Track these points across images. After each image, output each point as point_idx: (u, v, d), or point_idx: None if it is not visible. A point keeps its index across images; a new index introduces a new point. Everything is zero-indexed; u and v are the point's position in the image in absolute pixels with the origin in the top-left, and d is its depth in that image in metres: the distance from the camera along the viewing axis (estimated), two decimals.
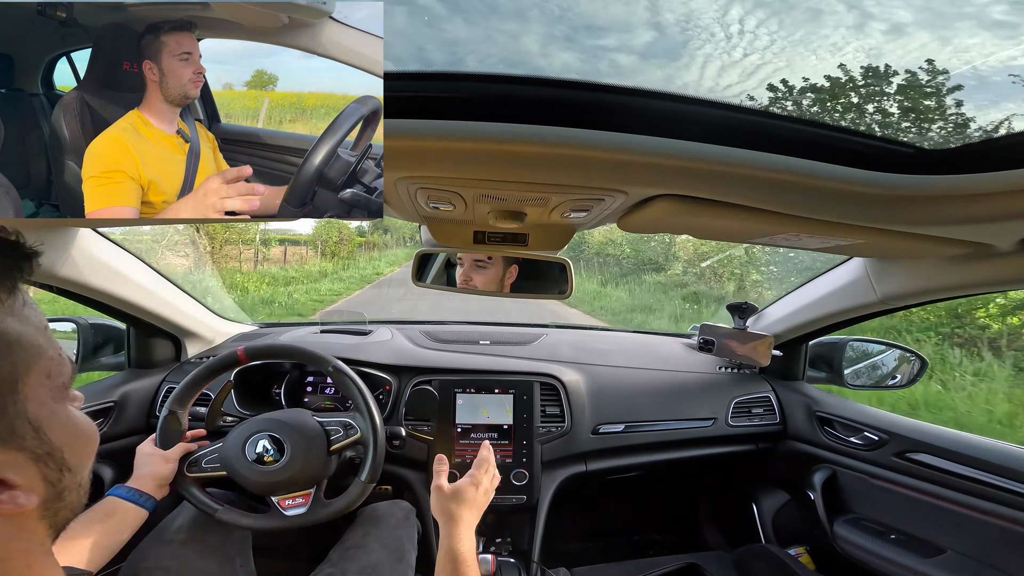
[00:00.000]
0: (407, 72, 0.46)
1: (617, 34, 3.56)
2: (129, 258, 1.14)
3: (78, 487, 0.42)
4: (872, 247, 0.81)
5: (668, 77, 3.84)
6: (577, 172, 0.53)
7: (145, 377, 1.34)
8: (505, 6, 4.73)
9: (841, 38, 6.99)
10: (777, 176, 0.49)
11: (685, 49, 3.00)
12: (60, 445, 0.39)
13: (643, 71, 3.75)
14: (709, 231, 0.84)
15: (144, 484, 0.90)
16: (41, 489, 0.38)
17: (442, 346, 1.51)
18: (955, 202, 0.51)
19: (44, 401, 0.38)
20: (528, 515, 1.29)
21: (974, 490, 1.03)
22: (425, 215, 0.79)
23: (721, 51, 10.87)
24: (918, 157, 0.48)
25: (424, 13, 2.31)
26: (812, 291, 1.27)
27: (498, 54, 4.51)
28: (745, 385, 1.50)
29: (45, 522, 0.39)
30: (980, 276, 0.81)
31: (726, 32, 4.07)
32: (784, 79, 2.14)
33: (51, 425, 0.39)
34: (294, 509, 0.94)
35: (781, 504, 1.52)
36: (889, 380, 1.42)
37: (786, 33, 8.38)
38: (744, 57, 9.42)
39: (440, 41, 4.05)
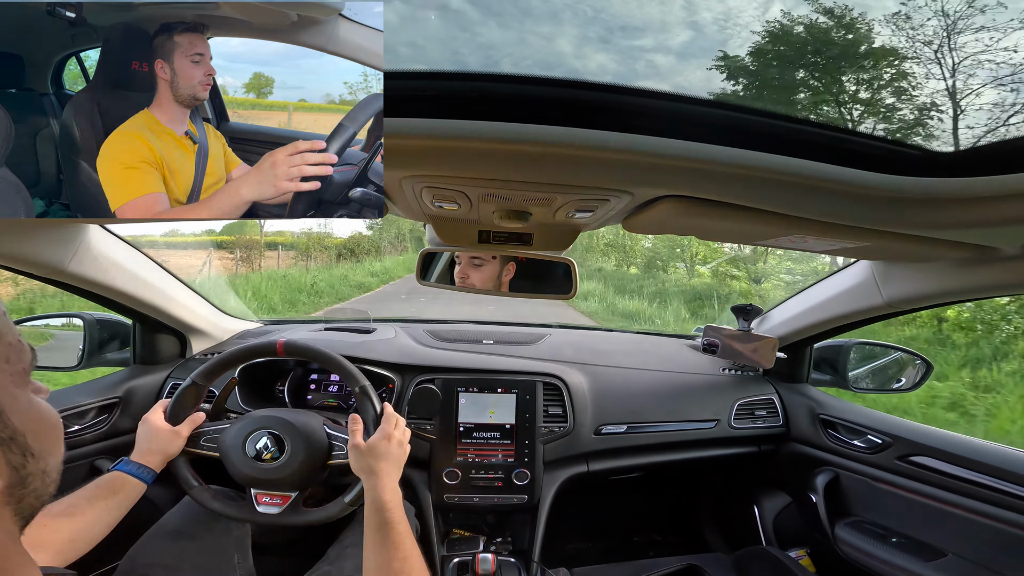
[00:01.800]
0: (413, 71, 0.46)
1: (653, 34, 3.56)
2: (136, 254, 1.15)
3: (42, 474, 0.42)
4: (878, 250, 0.81)
5: (708, 78, 3.80)
6: (582, 172, 0.53)
7: (150, 373, 1.34)
8: (538, 8, 4.79)
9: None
10: (783, 178, 0.49)
11: (726, 47, 2.98)
12: (23, 430, 0.40)
13: (681, 71, 3.73)
14: (714, 232, 0.84)
15: (150, 459, 0.90)
16: (5, 473, 0.38)
17: (445, 345, 1.51)
18: (961, 205, 0.51)
19: (4, 386, 0.39)
20: (529, 515, 1.29)
21: (977, 494, 1.03)
22: (430, 214, 0.79)
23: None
24: (925, 159, 0.48)
25: (458, 17, 2.29)
26: (817, 294, 1.27)
27: (532, 56, 4.57)
28: (748, 387, 1.50)
29: (10, 508, 0.39)
30: (986, 280, 0.81)
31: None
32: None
33: (12, 410, 0.39)
34: (268, 507, 0.94)
35: (782, 506, 1.52)
36: (894, 383, 1.41)
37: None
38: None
39: (475, 45, 4.11)
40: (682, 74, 0.61)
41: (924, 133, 0.54)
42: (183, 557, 0.93)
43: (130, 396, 1.27)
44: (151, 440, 0.91)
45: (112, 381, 1.27)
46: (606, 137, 0.45)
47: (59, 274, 0.96)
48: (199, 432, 0.97)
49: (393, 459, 0.88)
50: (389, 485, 0.83)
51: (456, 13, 0.54)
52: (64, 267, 0.94)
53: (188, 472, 0.95)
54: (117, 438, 1.24)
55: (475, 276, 1.14)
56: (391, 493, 0.82)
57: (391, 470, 0.86)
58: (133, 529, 0.87)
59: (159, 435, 0.92)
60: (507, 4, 0.59)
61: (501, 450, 1.27)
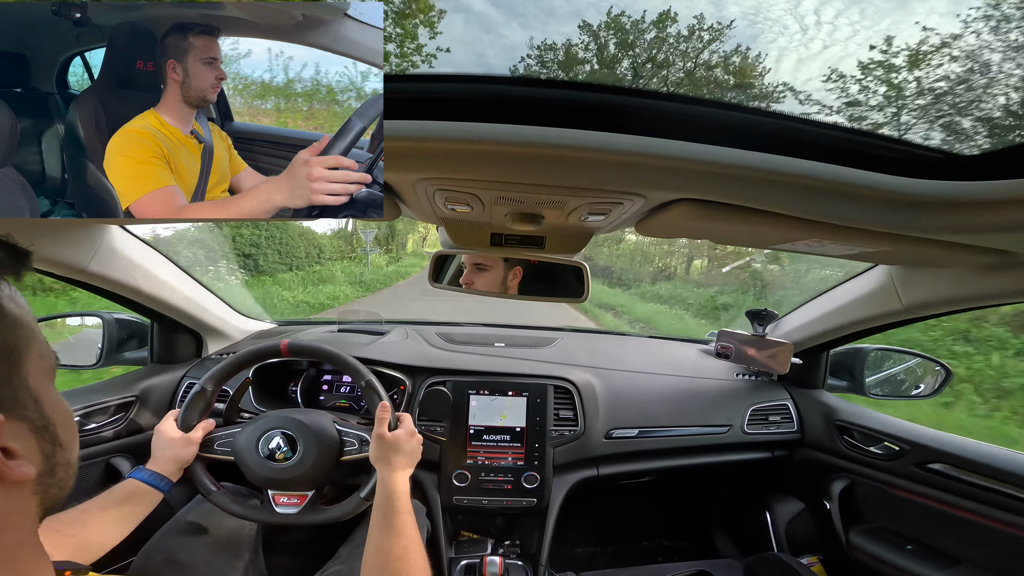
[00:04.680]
0: (425, 74, 0.46)
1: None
2: (155, 255, 1.17)
3: (68, 465, 0.44)
4: (898, 254, 0.80)
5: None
6: (595, 175, 0.53)
7: (166, 372, 1.36)
8: (561, 8, 4.61)
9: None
10: (800, 181, 0.48)
11: (756, 43, 2.87)
12: (55, 420, 0.42)
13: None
14: (729, 236, 0.83)
15: (164, 467, 0.91)
16: (38, 461, 0.40)
17: (457, 347, 1.51)
18: (983, 209, 0.49)
19: (40, 378, 0.41)
20: (538, 518, 1.28)
21: (994, 501, 1.01)
22: (443, 216, 0.80)
23: (797, 44, 10.27)
24: (946, 162, 0.47)
25: (480, 19, 2.23)
26: (834, 298, 1.25)
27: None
28: (763, 392, 1.48)
29: (37, 497, 0.40)
30: (1008, 285, 0.79)
31: (801, 24, 3.91)
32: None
33: (47, 400, 0.41)
34: (287, 508, 0.95)
35: (795, 513, 1.50)
36: (912, 390, 1.38)
37: (870, 23, 7.87)
38: (824, 49, 8.92)
39: (499, 47, 3.99)
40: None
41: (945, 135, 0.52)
42: (196, 554, 0.94)
43: (146, 395, 1.29)
44: (163, 447, 0.93)
45: (129, 380, 1.30)
46: (619, 140, 0.45)
47: (80, 274, 0.98)
48: (213, 437, 0.99)
49: (410, 454, 0.91)
50: (402, 477, 0.86)
51: (478, 15, 0.54)
52: (85, 267, 0.96)
53: (205, 477, 0.97)
54: (133, 436, 1.26)
55: (479, 281, 1.15)
56: (402, 484, 0.85)
57: (406, 464, 0.90)
58: (147, 526, 0.88)
59: (171, 443, 0.93)
60: (529, 5, 0.58)
61: (511, 453, 1.27)
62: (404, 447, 0.90)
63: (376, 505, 0.82)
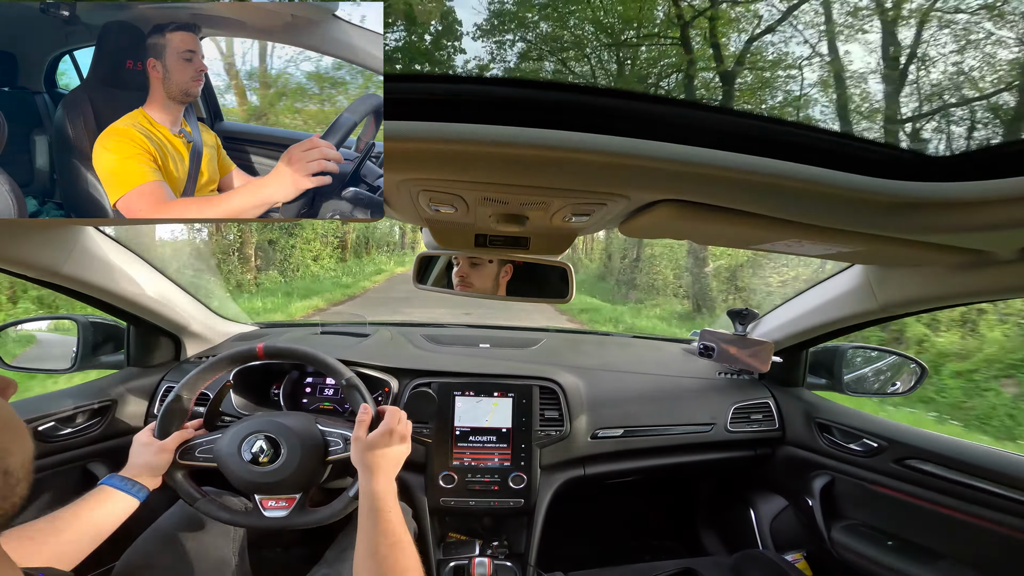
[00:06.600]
0: (410, 74, 0.46)
1: None
2: (131, 256, 1.15)
3: (3, 475, 0.41)
4: (873, 254, 0.81)
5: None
6: (579, 176, 0.53)
7: (144, 376, 1.33)
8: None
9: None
10: (779, 182, 0.49)
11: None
12: None
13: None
14: (711, 237, 0.84)
15: (137, 473, 0.89)
16: None
17: (441, 348, 1.50)
18: (956, 209, 0.51)
19: None
20: (525, 518, 1.29)
21: (973, 497, 1.03)
22: (427, 217, 0.79)
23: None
24: (919, 163, 0.48)
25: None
26: (812, 298, 1.27)
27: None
28: (744, 391, 1.50)
29: None
30: (981, 284, 0.81)
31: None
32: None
33: None
34: (275, 511, 0.94)
35: (779, 510, 1.52)
36: (889, 387, 1.41)
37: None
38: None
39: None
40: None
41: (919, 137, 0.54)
42: (180, 559, 0.92)
43: (123, 399, 1.26)
44: (136, 455, 0.92)
45: (105, 384, 1.26)
46: (602, 141, 0.45)
47: (55, 276, 0.95)
48: (193, 444, 0.97)
49: (392, 454, 0.88)
50: (383, 477, 0.84)
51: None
52: (60, 269, 0.93)
53: (189, 486, 0.95)
54: (111, 441, 1.23)
55: (474, 277, 1.14)
56: (384, 484, 0.83)
57: (387, 465, 0.87)
58: (128, 531, 0.86)
59: (144, 449, 0.92)
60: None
61: (497, 454, 1.27)
62: (383, 447, 0.87)
63: (360, 506, 0.81)
